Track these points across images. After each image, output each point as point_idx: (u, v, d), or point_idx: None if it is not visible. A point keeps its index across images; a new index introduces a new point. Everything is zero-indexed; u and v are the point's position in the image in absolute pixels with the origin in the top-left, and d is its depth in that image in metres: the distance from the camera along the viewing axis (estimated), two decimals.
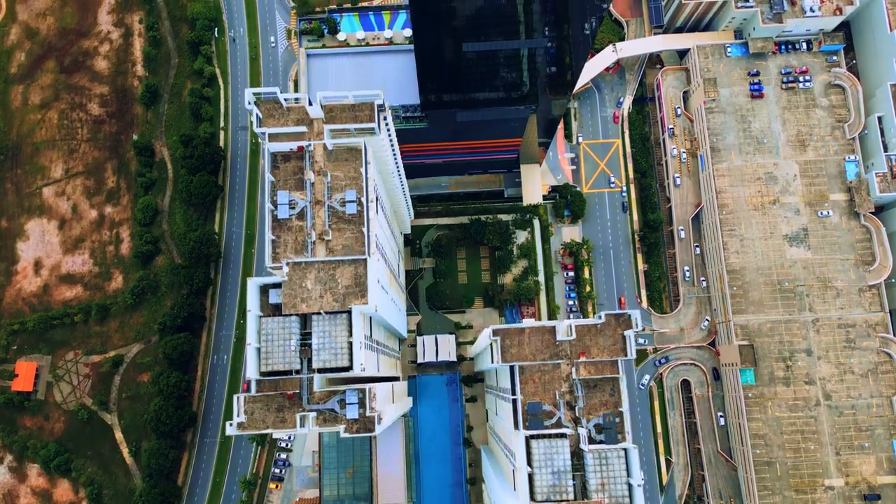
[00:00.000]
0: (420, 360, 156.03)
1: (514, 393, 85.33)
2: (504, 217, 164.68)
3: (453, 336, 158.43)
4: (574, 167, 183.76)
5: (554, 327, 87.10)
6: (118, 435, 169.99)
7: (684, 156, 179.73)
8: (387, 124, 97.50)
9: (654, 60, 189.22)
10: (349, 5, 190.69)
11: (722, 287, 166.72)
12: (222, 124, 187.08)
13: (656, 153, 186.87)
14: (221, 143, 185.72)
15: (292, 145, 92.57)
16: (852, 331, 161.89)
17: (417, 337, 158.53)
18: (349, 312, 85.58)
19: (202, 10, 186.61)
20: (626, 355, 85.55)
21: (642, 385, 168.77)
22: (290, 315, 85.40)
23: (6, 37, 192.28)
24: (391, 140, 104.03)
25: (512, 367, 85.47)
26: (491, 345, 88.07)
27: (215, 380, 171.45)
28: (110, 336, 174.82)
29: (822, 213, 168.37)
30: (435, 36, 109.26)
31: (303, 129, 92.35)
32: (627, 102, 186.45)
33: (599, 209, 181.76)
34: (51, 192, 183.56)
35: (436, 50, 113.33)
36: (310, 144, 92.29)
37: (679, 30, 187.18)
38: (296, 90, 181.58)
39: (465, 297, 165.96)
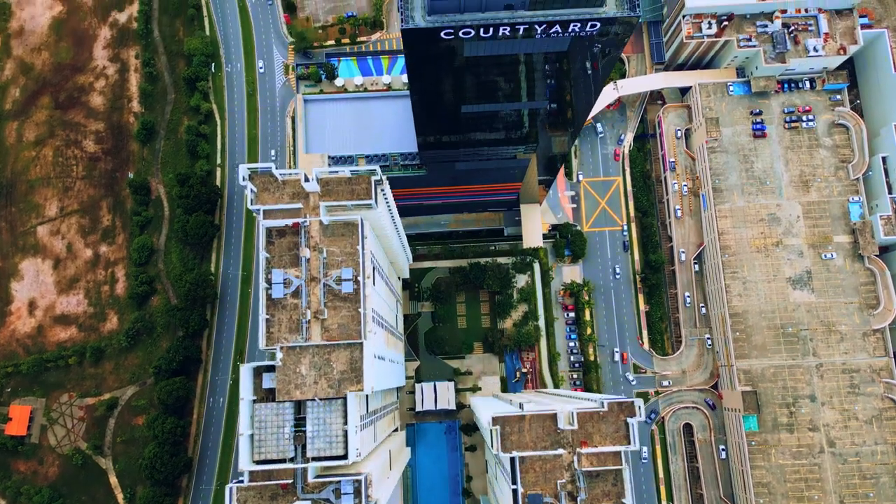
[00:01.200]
0: (419, 409, 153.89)
1: (514, 483, 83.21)
2: (504, 260, 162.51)
3: (452, 383, 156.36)
4: (574, 205, 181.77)
5: (555, 414, 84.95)
6: (113, 479, 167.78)
7: (685, 191, 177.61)
8: (385, 196, 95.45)
9: (656, 97, 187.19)
10: (347, 41, 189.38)
11: (724, 331, 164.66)
12: (219, 161, 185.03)
13: (658, 191, 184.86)
14: (218, 181, 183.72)
15: (288, 221, 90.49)
16: (856, 376, 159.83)
17: (416, 384, 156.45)
18: (344, 398, 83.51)
19: (199, 45, 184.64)
20: (630, 444, 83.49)
21: (648, 420, 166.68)
22: (284, 402, 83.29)
23: (1, 72, 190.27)
24: (390, 209, 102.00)
25: (512, 459, 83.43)
26: (490, 432, 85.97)
27: (211, 423, 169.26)
28: (105, 378, 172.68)
29: (825, 256, 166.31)
30: (432, 95, 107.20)
31: (298, 205, 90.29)
32: (628, 140, 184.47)
33: (600, 248, 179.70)
34: (45, 230, 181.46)
35: (433, 107, 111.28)
36: (305, 220, 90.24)
37: (681, 66, 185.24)
38: (293, 129, 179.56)
39: (465, 343, 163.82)
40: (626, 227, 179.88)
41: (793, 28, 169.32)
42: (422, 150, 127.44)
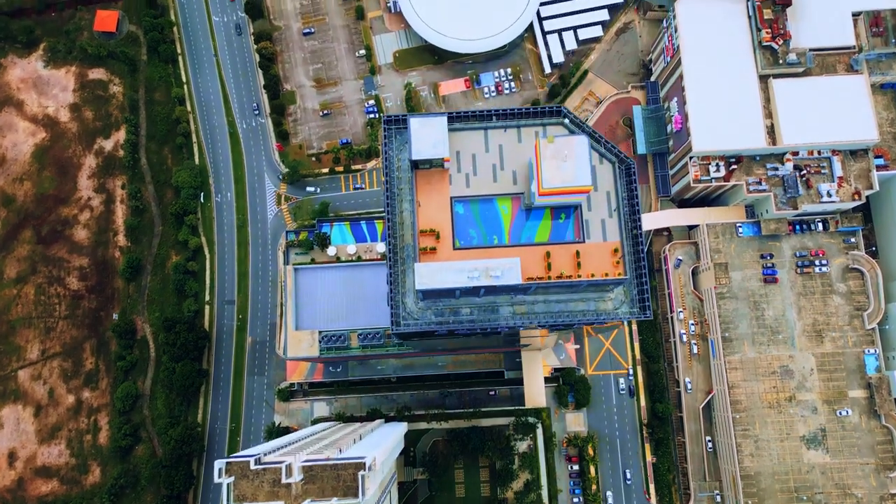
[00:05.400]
0: None
1: None
2: (503, 421, 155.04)
3: None
4: (577, 346, 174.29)
5: None
6: None
7: (693, 330, 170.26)
8: (375, 478, 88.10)
9: (662, 229, 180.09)
10: (342, 170, 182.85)
11: (736, 492, 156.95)
12: (207, 298, 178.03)
13: (664, 329, 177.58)
14: (206, 319, 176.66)
15: None
16: None
17: None
18: None
19: (187, 178, 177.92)
20: None
21: None
22: None
23: None
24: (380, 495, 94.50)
25: None
26: None
27: None
28: None
29: (840, 412, 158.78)
30: (421, 345, 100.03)
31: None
32: None
33: (605, 393, 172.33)
34: (27, 375, 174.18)
35: (420, 343, 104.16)
36: None
37: (687, 201, 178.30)
38: (285, 263, 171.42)
39: None
40: (631, 372, 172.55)
41: (805, 171, 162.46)
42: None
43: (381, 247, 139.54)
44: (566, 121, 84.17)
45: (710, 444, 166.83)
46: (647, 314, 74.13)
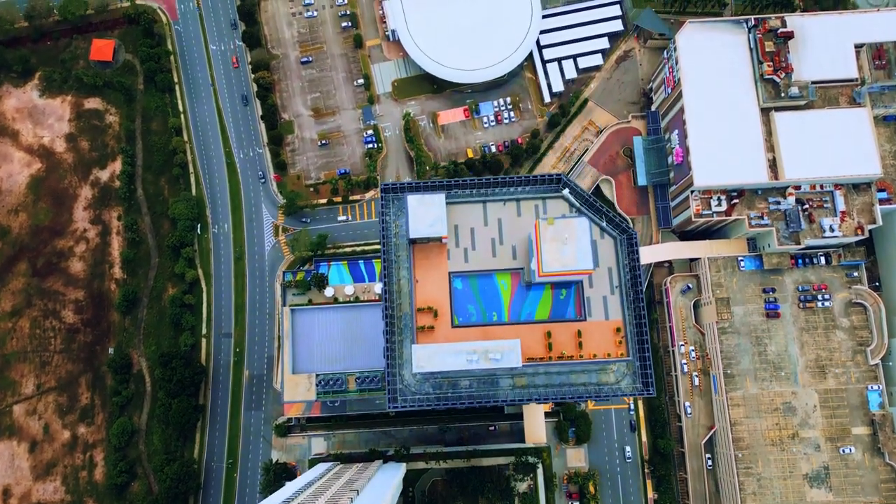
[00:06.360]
0: None
1: None
2: (503, 461, 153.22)
3: None
4: None
5: None
6: None
7: (694, 358, 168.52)
8: None
9: (663, 261, 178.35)
10: (340, 200, 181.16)
11: None
12: (204, 331, 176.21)
13: (665, 362, 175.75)
14: (203, 353, 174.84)
15: None
16: None
17: None
18: None
19: (184, 210, 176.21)
20: None
21: None
22: None
23: None
24: None
25: None
26: None
27: None
28: None
29: (843, 450, 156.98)
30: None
31: None
32: None
33: (606, 428, 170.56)
34: (22, 410, 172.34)
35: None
36: None
37: (689, 232, 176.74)
38: (283, 304, 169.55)
39: None
40: (632, 406, 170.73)
41: (807, 205, 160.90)
42: None
43: (379, 287, 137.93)
44: (566, 191, 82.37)
45: (711, 472, 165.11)
46: (650, 391, 72.46)
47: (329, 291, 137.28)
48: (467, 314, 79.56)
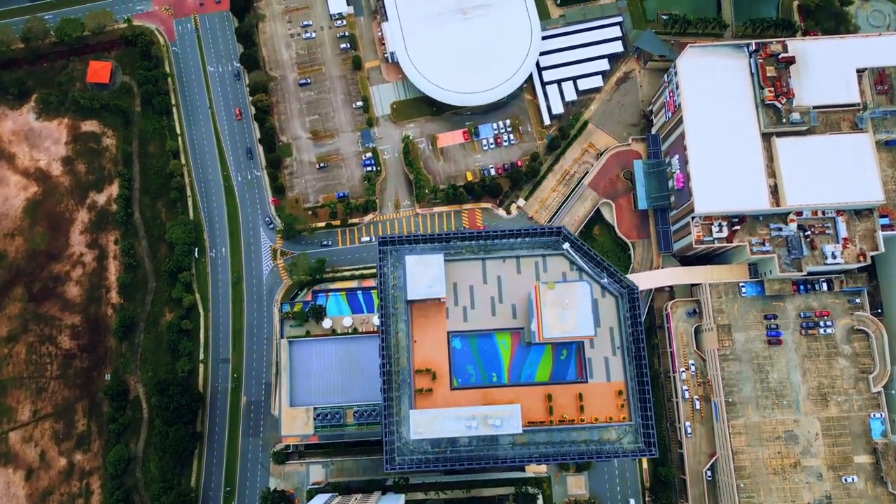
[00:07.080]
0: None
1: None
2: (503, 491, 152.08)
3: None
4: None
5: None
6: None
7: (696, 404, 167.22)
8: None
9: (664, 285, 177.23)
10: (339, 224, 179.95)
11: None
12: (202, 357, 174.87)
13: (666, 388, 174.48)
14: (200, 379, 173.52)
15: None
16: None
17: None
18: None
19: (181, 235, 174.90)
20: None
21: None
22: None
23: None
24: None
25: None
26: None
27: None
28: None
29: (846, 479, 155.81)
30: None
31: None
32: None
33: None
34: (17, 437, 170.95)
35: None
36: None
37: (690, 257, 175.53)
38: (281, 329, 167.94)
39: None
40: None
41: (809, 231, 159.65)
42: None
43: (376, 319, 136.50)
44: (566, 246, 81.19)
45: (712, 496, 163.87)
46: (651, 452, 71.23)
47: (327, 323, 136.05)
48: (466, 375, 78.25)
